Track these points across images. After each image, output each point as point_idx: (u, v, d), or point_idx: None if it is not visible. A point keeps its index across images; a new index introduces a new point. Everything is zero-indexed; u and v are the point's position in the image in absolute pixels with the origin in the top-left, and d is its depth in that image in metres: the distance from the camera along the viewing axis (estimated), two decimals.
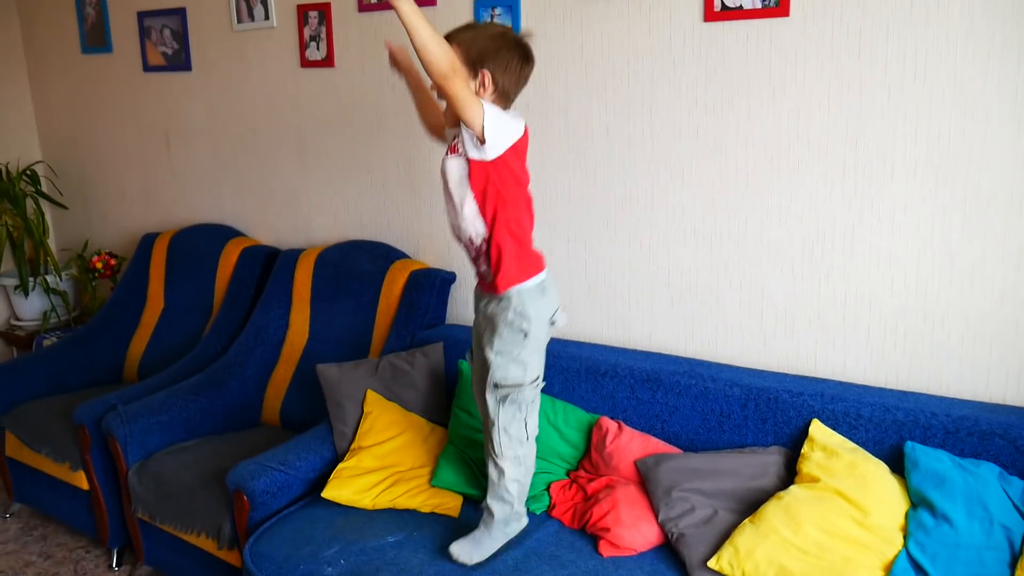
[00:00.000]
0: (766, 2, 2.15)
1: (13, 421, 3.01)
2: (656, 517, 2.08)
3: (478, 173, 1.84)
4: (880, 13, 2.03)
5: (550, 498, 2.26)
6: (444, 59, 1.69)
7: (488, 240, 1.88)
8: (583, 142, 2.52)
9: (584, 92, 2.49)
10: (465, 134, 1.81)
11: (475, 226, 1.89)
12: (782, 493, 1.98)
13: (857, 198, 2.14)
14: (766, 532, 1.88)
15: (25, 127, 4.21)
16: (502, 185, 1.84)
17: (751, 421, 2.18)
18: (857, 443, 2.04)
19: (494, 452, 1.99)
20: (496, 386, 1.94)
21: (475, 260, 1.96)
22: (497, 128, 1.78)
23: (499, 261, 1.88)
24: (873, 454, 2.02)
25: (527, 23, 2.53)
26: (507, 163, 1.83)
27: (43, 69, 4.13)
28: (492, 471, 2.01)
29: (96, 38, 3.80)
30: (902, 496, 1.93)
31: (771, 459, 2.12)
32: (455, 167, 1.88)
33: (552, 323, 1.99)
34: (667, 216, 2.43)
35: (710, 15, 2.23)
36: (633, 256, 2.51)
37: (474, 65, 1.81)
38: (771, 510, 1.94)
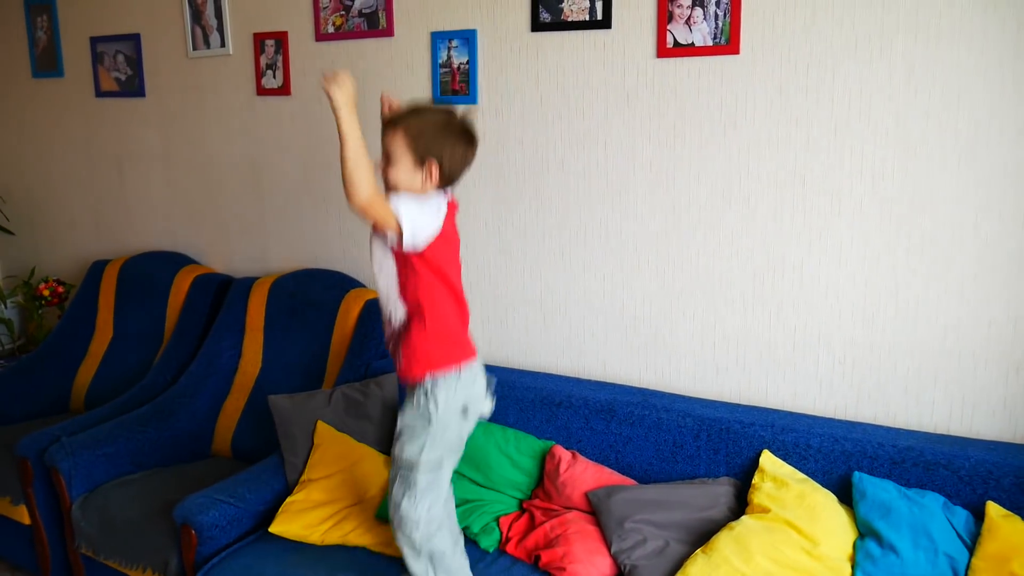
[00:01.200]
0: (717, 40, 2.19)
1: None
2: (608, 549, 2.07)
3: (399, 259, 1.83)
4: (827, 53, 2.09)
5: (501, 532, 2.24)
6: (365, 189, 1.67)
7: (406, 326, 1.86)
8: (538, 173, 2.55)
9: (539, 123, 2.52)
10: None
11: (395, 308, 1.87)
12: (733, 523, 1.99)
13: (806, 232, 2.18)
14: (718, 562, 1.89)
15: None
16: (424, 274, 1.81)
17: (703, 452, 2.20)
18: (807, 473, 2.07)
19: (392, 525, 1.95)
20: (393, 458, 1.93)
21: (390, 342, 1.92)
22: (416, 230, 1.75)
23: (411, 348, 1.85)
24: (822, 484, 2.05)
25: (483, 54, 2.56)
26: (430, 254, 1.80)
27: None
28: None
29: (47, 62, 3.75)
30: (850, 526, 1.96)
31: (722, 490, 2.14)
32: (378, 248, 1.85)
33: (464, 412, 1.91)
34: (621, 247, 2.45)
35: (663, 51, 2.28)
36: (588, 286, 2.53)
37: (421, 156, 1.78)
38: (722, 540, 1.95)
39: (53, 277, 3.82)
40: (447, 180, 1.84)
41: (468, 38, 2.57)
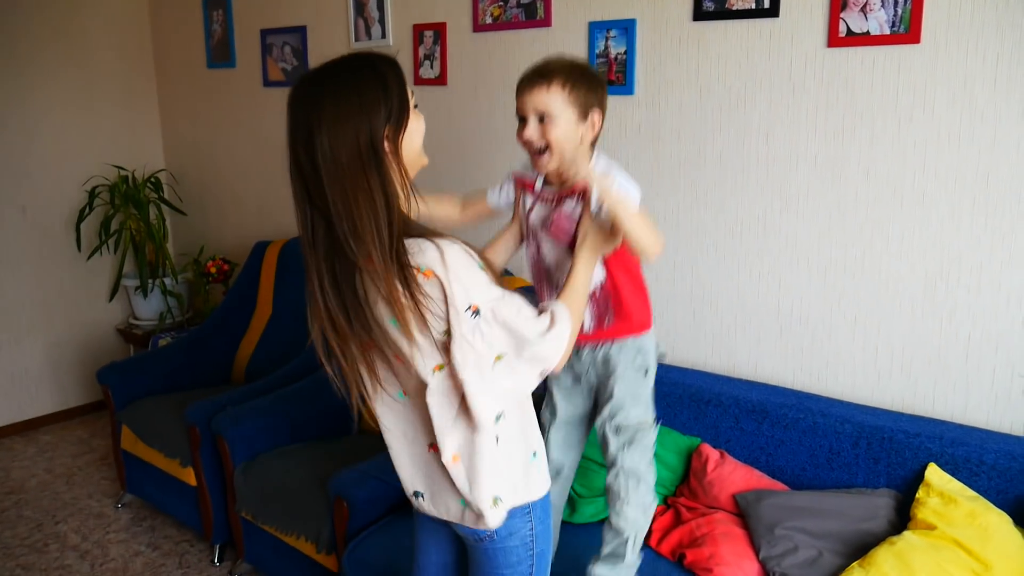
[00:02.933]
0: (895, 28, 2.08)
1: (129, 416, 3.16)
2: (756, 554, 2.02)
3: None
4: (1019, 40, 1.94)
5: None
6: (657, 240, 1.56)
7: (610, 286, 1.76)
8: (695, 166, 2.49)
9: (698, 115, 2.46)
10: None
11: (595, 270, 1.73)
12: (895, 538, 1.90)
13: (987, 234, 2.04)
14: None
15: (151, 137, 4.45)
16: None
17: (862, 460, 2.10)
18: (978, 491, 1.94)
19: (621, 498, 1.84)
20: (619, 429, 1.83)
21: (594, 308, 1.80)
22: (637, 196, 1.64)
23: (624, 307, 1.78)
24: (995, 504, 1.91)
25: (642, 44, 2.53)
26: None
27: (170, 83, 4.35)
28: (617, 522, 1.85)
29: (221, 54, 3.99)
30: None
31: (881, 502, 2.04)
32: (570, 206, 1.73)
33: (661, 355, 1.91)
34: (779, 244, 2.37)
35: (834, 40, 2.18)
36: (741, 283, 2.46)
37: (584, 108, 1.65)
38: (882, 556, 1.85)
39: (219, 255, 4.08)
40: (599, 132, 1.72)
41: (627, 28, 2.54)
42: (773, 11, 2.27)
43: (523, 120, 1.66)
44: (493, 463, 1.43)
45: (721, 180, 2.45)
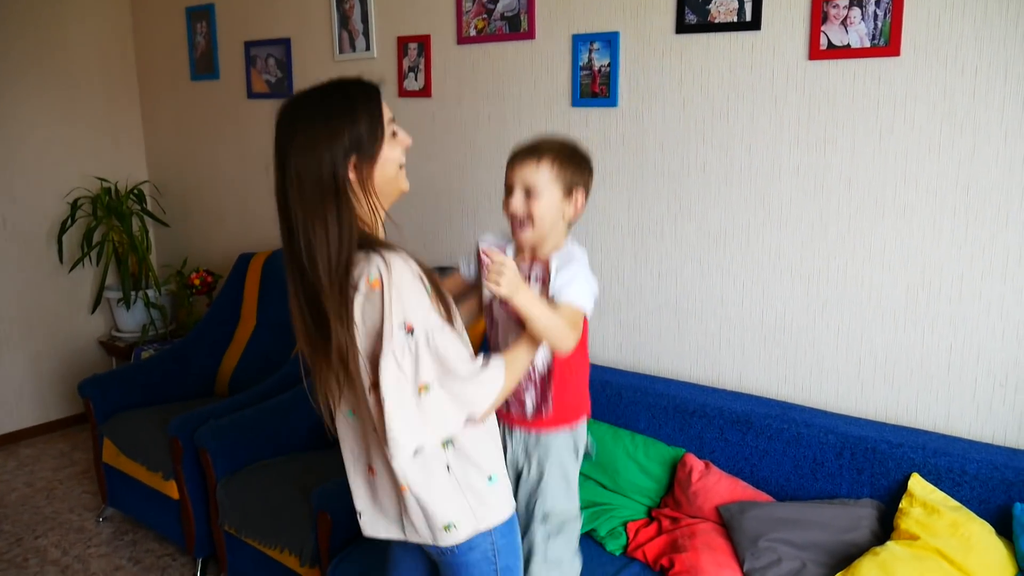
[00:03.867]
0: (875, 41, 2.10)
1: (111, 429, 3.13)
2: (740, 566, 2.01)
3: None
4: (997, 53, 1.96)
5: (627, 536, 2.21)
6: (570, 338, 1.57)
7: (550, 372, 1.75)
8: (678, 177, 2.50)
9: (681, 127, 2.47)
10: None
11: (541, 352, 1.74)
12: (878, 549, 1.90)
13: (967, 244, 2.06)
14: None
15: (134, 148, 4.43)
16: None
17: (846, 471, 2.11)
18: (961, 501, 1.95)
19: None
20: (547, 517, 1.80)
21: (529, 388, 1.78)
22: (592, 301, 1.67)
23: (566, 393, 1.77)
24: (978, 514, 1.92)
25: (625, 57, 2.54)
26: None
27: (154, 94, 4.34)
28: None
29: (205, 66, 3.98)
30: (1009, 561, 1.83)
31: (864, 512, 2.04)
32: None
33: (588, 448, 1.89)
34: (762, 255, 2.38)
35: (815, 53, 2.19)
36: (725, 294, 2.46)
37: (569, 186, 1.69)
38: (866, 566, 1.85)
39: (203, 267, 4.05)
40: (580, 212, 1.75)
41: (610, 40, 2.55)
42: (755, 24, 2.28)
43: (510, 191, 1.71)
44: (442, 491, 1.44)
45: (704, 191, 2.46)
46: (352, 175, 1.39)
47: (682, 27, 2.41)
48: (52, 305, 4.18)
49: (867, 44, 2.11)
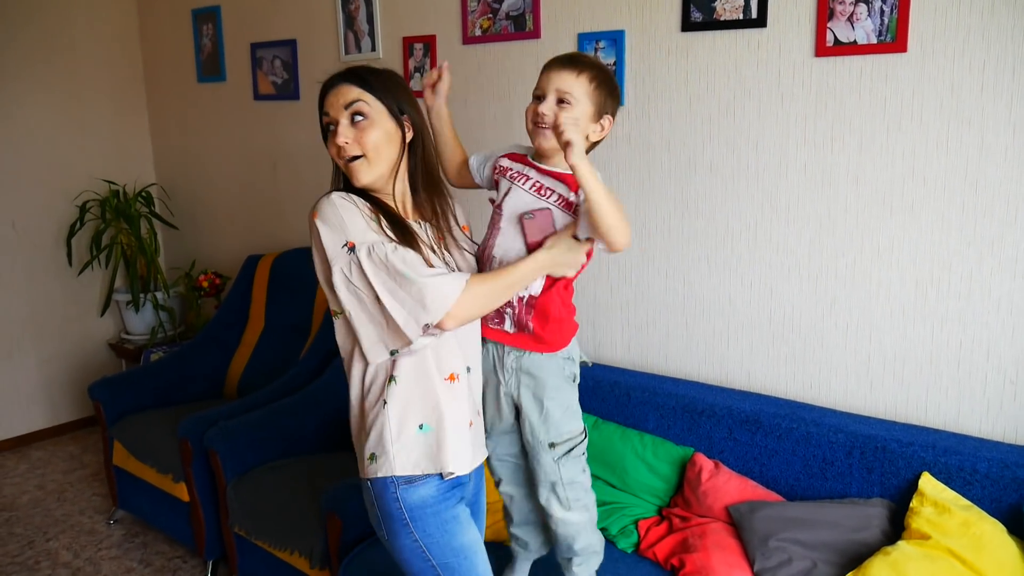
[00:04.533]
0: (882, 37, 2.08)
1: (121, 431, 3.15)
2: (751, 566, 2.01)
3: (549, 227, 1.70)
4: (1005, 48, 1.94)
5: (639, 534, 2.21)
6: (629, 230, 1.60)
7: (536, 296, 1.71)
8: (685, 175, 2.49)
9: (687, 125, 2.46)
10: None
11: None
12: (889, 548, 1.89)
13: (976, 241, 2.04)
14: None
15: (142, 151, 4.44)
16: None
17: (856, 470, 2.10)
18: (972, 500, 1.93)
19: (562, 507, 1.81)
20: (553, 445, 1.77)
21: (516, 312, 1.73)
22: None
23: (556, 315, 1.72)
24: (989, 513, 1.90)
25: (631, 55, 2.53)
26: None
27: (161, 97, 4.35)
28: (567, 532, 1.84)
29: (211, 67, 3.99)
30: (1021, 560, 1.81)
31: (875, 511, 2.03)
32: (559, 216, 1.70)
33: (584, 364, 1.87)
34: (770, 253, 2.37)
35: (822, 50, 2.18)
36: (733, 292, 2.46)
37: (600, 109, 1.68)
38: (876, 566, 1.84)
39: (211, 269, 4.07)
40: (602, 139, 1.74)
41: (616, 39, 2.54)
42: (761, 21, 2.27)
43: (539, 99, 1.69)
44: (376, 421, 1.59)
45: (711, 189, 2.45)
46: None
47: (688, 25, 2.40)
48: (61, 308, 4.20)
49: (874, 40, 2.10)
